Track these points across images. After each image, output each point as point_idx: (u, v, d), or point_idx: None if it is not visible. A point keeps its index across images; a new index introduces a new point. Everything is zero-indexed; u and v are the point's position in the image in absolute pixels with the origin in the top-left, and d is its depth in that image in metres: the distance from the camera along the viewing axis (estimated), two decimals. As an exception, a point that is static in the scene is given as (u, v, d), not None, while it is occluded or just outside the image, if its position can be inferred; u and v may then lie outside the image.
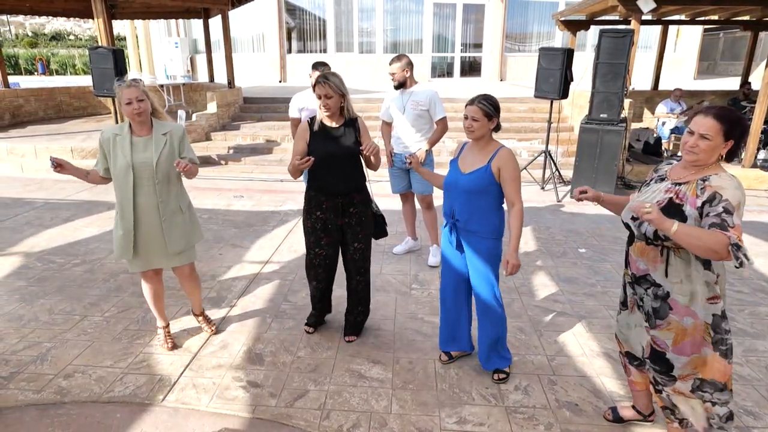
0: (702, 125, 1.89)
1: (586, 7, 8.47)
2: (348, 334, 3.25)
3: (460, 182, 2.64)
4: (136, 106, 2.65)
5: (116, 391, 2.72)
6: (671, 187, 2.00)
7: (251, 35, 15.86)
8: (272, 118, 9.80)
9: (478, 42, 15.90)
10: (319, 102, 2.82)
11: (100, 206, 6.02)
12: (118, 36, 18.36)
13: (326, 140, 2.88)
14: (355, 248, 3.06)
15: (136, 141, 2.75)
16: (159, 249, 2.88)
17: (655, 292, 2.06)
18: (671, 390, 2.12)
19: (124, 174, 2.72)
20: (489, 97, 2.60)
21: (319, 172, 2.90)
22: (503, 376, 2.85)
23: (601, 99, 6.41)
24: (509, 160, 2.58)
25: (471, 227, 2.65)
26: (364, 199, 3.05)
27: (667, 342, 2.07)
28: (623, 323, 2.34)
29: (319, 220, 2.98)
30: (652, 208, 1.79)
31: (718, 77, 18.10)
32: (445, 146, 8.31)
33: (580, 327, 3.43)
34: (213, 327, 3.31)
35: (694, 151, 1.92)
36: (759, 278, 4.22)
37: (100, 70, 6.78)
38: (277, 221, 5.56)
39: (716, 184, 1.88)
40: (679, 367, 2.07)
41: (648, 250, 2.05)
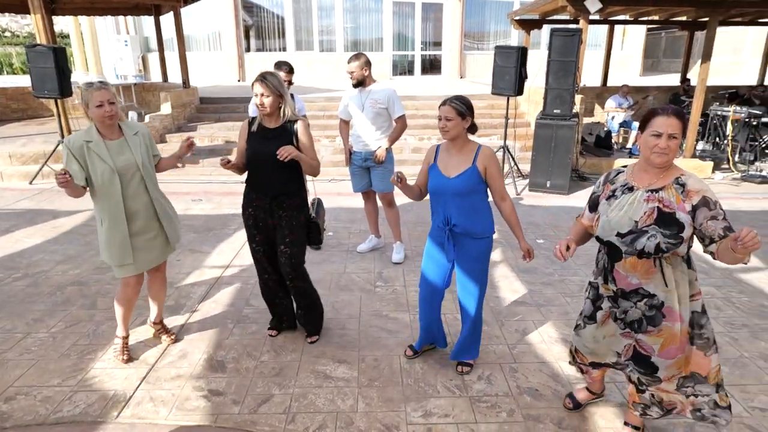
0: (669, 125, 1.89)
1: (538, 6, 8.72)
2: (308, 335, 3.23)
3: (449, 187, 2.61)
4: (108, 109, 2.60)
5: (65, 411, 2.57)
6: (650, 195, 1.96)
7: (207, 33, 15.44)
8: (231, 118, 9.58)
9: (438, 40, 16.09)
10: (259, 100, 2.78)
11: (44, 215, 5.73)
12: (61, 33, 17.49)
13: (260, 141, 2.86)
14: (281, 251, 2.99)
15: (110, 145, 2.69)
16: (153, 246, 2.89)
17: (650, 303, 2.03)
18: (655, 389, 2.16)
19: (109, 180, 2.65)
20: (461, 98, 2.62)
21: (251, 170, 2.95)
22: (468, 368, 2.91)
23: (554, 95, 6.62)
24: (493, 157, 2.64)
25: (469, 230, 2.65)
26: (295, 204, 2.98)
27: (654, 347, 2.08)
28: (588, 338, 2.28)
29: (251, 217, 3.00)
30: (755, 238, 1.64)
31: (661, 74, 19.01)
32: (407, 143, 8.36)
33: (539, 315, 3.53)
34: (172, 336, 3.21)
35: (666, 153, 1.91)
36: (699, 260, 4.43)
37: (40, 70, 6.41)
38: (238, 224, 5.44)
39: (695, 187, 1.92)
40: (664, 368, 2.10)
41: (640, 264, 1.99)
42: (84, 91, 2.60)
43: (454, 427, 2.47)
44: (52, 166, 7.16)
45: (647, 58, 19.60)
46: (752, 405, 2.61)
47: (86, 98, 2.59)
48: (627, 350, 2.17)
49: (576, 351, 2.40)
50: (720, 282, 4.06)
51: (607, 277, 2.12)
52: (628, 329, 2.13)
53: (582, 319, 2.31)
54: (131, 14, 12.19)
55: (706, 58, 7.42)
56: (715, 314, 3.53)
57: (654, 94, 10.91)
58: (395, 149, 4.52)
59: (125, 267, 2.82)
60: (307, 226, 3.07)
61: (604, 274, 2.14)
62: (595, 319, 2.23)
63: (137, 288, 2.96)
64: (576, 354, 2.41)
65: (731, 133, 8.18)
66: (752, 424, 2.48)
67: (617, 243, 2.00)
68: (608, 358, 2.27)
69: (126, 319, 3.00)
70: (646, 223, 1.93)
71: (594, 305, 2.23)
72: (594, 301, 2.23)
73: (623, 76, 14.20)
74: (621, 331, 2.16)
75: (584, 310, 2.30)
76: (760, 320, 3.47)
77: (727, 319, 3.48)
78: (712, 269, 4.30)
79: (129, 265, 2.82)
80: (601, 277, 2.16)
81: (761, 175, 7.51)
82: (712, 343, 2.09)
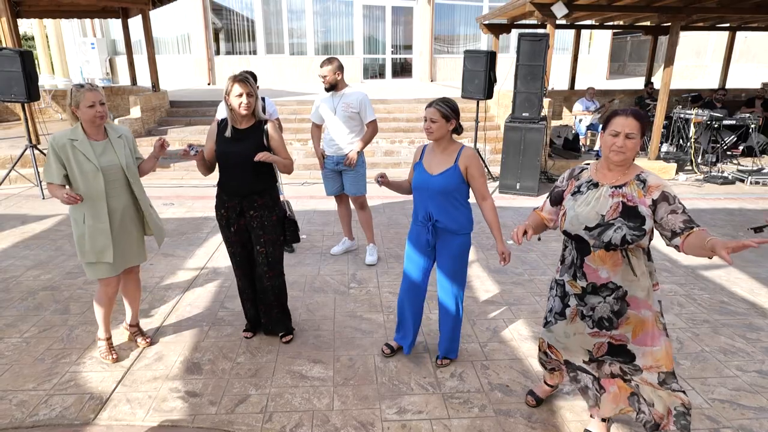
0: (626, 125, 1.99)
1: (506, 11, 8.93)
2: (277, 331, 3.27)
3: (432, 183, 2.71)
4: (99, 109, 2.68)
5: (41, 415, 2.57)
6: (614, 191, 2.06)
7: (176, 36, 15.24)
8: (202, 122, 9.49)
9: (408, 44, 16.25)
10: (239, 101, 2.80)
11: (13, 220, 5.60)
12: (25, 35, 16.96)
13: (230, 142, 2.90)
14: (258, 251, 3.05)
15: (95, 145, 2.75)
16: (132, 246, 2.94)
17: (616, 296, 2.11)
18: (640, 380, 2.20)
19: (93, 179, 2.70)
20: (447, 100, 2.71)
21: (221, 171, 2.97)
22: (447, 362, 3.02)
23: (523, 99, 6.79)
24: (474, 158, 2.72)
25: (449, 226, 2.75)
26: (267, 203, 3.01)
27: (627, 335, 2.15)
28: (560, 333, 2.31)
29: (223, 218, 3.03)
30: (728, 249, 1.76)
31: (627, 77, 19.64)
32: (379, 146, 8.44)
33: (510, 313, 3.65)
34: (148, 339, 3.21)
35: (623, 151, 2.01)
36: (663, 258, 4.67)
37: (6, 74, 6.26)
38: (210, 227, 5.43)
39: (655, 182, 2.03)
40: (641, 356, 2.16)
41: (609, 256, 2.07)
42: (75, 92, 2.66)
43: (427, 423, 2.55)
44: (19, 171, 6.98)
45: (613, 61, 20.24)
46: (712, 397, 2.75)
47: (77, 98, 2.65)
48: (599, 348, 2.22)
49: (549, 347, 2.44)
50: (683, 280, 4.26)
51: (576, 273, 2.18)
52: (596, 328, 2.18)
53: (552, 315, 2.35)
54: (98, 17, 11.96)
55: (668, 62, 7.72)
56: (677, 311, 3.71)
57: (620, 98, 11.28)
58: (367, 152, 4.59)
59: (102, 267, 2.83)
60: (282, 224, 3.12)
61: (573, 270, 2.19)
62: (564, 315, 2.28)
63: (117, 288, 2.99)
64: (549, 350, 2.45)
65: (694, 135, 8.50)
66: (712, 415, 2.61)
67: (585, 236, 2.08)
68: (580, 357, 2.31)
69: (107, 319, 3.02)
70: (612, 217, 2.03)
71: (563, 302, 2.28)
72: (562, 297, 2.28)
73: (590, 80, 14.63)
74: (590, 330, 2.20)
75: (553, 307, 2.34)
76: (720, 316, 3.65)
77: (689, 316, 3.65)
78: (675, 267, 4.50)
79: (107, 264, 2.83)
80: (569, 274, 2.21)
81: (723, 176, 7.83)
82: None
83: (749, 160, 8.77)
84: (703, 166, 8.56)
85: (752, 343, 3.28)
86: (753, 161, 8.57)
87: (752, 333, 3.41)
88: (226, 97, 2.85)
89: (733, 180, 7.83)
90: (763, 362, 3.07)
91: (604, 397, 2.32)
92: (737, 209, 6.43)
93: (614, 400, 2.32)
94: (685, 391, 2.17)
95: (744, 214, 6.24)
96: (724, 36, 12.66)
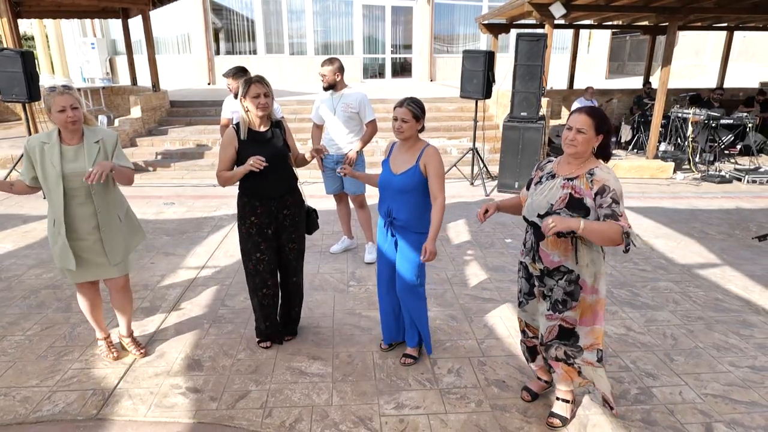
0: (577, 121, 2.18)
1: (505, 11, 8.97)
2: (287, 333, 3.30)
3: (393, 182, 2.77)
4: (71, 114, 2.55)
5: (44, 410, 2.61)
6: (566, 183, 2.23)
7: (176, 36, 15.28)
8: (202, 121, 9.54)
9: (408, 43, 16.29)
10: (255, 102, 2.79)
11: (14, 219, 5.64)
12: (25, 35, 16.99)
13: (257, 145, 2.87)
14: (290, 248, 3.11)
15: (66, 150, 2.63)
16: (95, 259, 2.78)
17: (569, 279, 2.28)
18: (581, 361, 2.39)
19: (54, 184, 2.61)
20: (416, 100, 2.76)
21: (252, 177, 2.83)
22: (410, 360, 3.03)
23: (521, 98, 6.83)
24: (434, 156, 2.75)
25: (407, 224, 2.80)
26: (297, 200, 3.10)
27: (576, 318, 2.34)
28: (533, 309, 2.51)
29: (254, 225, 2.97)
30: (553, 222, 2.02)
31: (626, 77, 19.68)
32: (378, 146, 8.49)
33: (507, 311, 3.69)
34: (142, 350, 3.09)
35: (573, 144, 2.19)
36: (659, 257, 4.71)
37: (8, 74, 6.30)
38: (211, 227, 5.48)
39: (601, 176, 2.17)
40: (583, 336, 2.36)
41: (560, 242, 2.26)
42: (46, 95, 2.56)
43: (425, 418, 2.59)
44: (20, 171, 7.01)
45: (612, 61, 20.27)
46: (705, 392, 2.79)
47: (48, 102, 2.55)
48: (550, 332, 2.38)
49: (527, 326, 2.59)
50: (678, 277, 4.30)
51: (534, 256, 2.36)
52: (551, 311, 2.35)
53: (522, 296, 2.54)
54: (98, 17, 12.00)
55: (666, 62, 7.75)
56: (672, 308, 3.75)
57: (618, 97, 11.32)
58: (366, 152, 4.63)
59: (69, 273, 2.78)
60: (307, 217, 3.21)
61: (532, 254, 2.38)
62: (533, 294, 2.47)
63: (91, 293, 2.92)
64: (527, 329, 2.60)
65: (692, 134, 8.54)
66: (705, 409, 2.66)
67: (538, 223, 2.25)
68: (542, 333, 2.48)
69: (97, 320, 3.01)
70: (559, 207, 2.20)
71: (528, 282, 2.47)
72: (527, 279, 2.47)
73: (589, 79, 14.65)
74: (546, 311, 2.37)
75: (522, 288, 2.52)
76: (714, 313, 3.69)
77: (683, 313, 3.69)
78: (671, 265, 4.55)
79: (70, 271, 2.76)
80: (529, 257, 2.40)
81: (720, 175, 7.87)
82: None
83: (746, 159, 8.81)
84: (701, 165, 8.59)
85: (745, 340, 3.33)
86: (750, 160, 8.61)
87: (746, 330, 3.46)
88: (242, 100, 2.83)
89: (731, 179, 7.87)
90: (756, 358, 3.12)
91: (555, 376, 2.55)
92: (734, 208, 6.47)
93: (565, 379, 2.48)
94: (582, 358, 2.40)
95: (740, 212, 6.28)
96: (722, 35, 12.70)
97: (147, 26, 9.58)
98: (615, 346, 3.24)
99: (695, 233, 5.42)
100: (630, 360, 3.08)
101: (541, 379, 2.75)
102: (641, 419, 2.57)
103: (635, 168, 8.04)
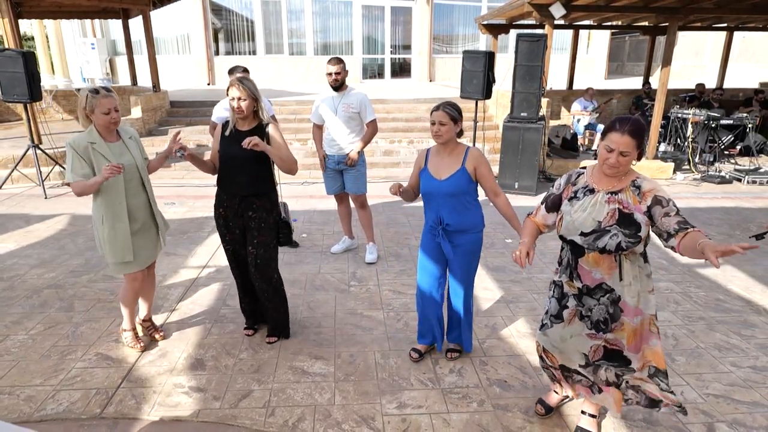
0: (621, 143, 2.00)
1: (505, 12, 8.98)
2: (267, 335, 3.29)
3: (441, 188, 2.74)
4: (115, 116, 2.77)
5: (48, 410, 2.62)
6: (611, 197, 2.08)
7: (175, 36, 15.29)
8: (202, 122, 9.53)
9: (407, 44, 16.30)
10: (233, 104, 2.87)
11: (16, 219, 5.64)
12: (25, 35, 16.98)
13: (232, 143, 2.94)
14: (249, 251, 3.06)
15: (112, 146, 2.85)
16: (152, 242, 3.05)
17: (611, 298, 2.14)
18: (631, 377, 2.23)
19: (114, 179, 2.78)
20: (453, 104, 2.77)
21: (222, 172, 3.03)
22: (457, 354, 3.09)
23: (521, 99, 6.85)
24: (481, 157, 2.78)
25: (461, 227, 2.79)
26: (265, 205, 3.03)
27: (623, 342, 2.18)
28: (555, 337, 2.32)
29: (221, 217, 3.09)
30: (721, 249, 1.72)
31: (625, 77, 19.69)
32: (378, 146, 8.50)
33: (508, 311, 3.70)
34: (161, 333, 3.29)
35: (616, 167, 2.05)
36: (660, 257, 4.72)
37: (9, 75, 6.32)
38: (212, 227, 5.47)
39: (649, 187, 2.06)
40: (636, 360, 2.21)
41: (602, 259, 2.10)
42: (91, 98, 2.72)
43: (427, 417, 2.60)
44: (21, 171, 7.03)
45: (612, 61, 20.29)
46: (707, 392, 2.80)
47: (92, 104, 2.71)
48: (596, 351, 2.23)
49: (545, 351, 2.43)
50: (679, 278, 4.31)
51: (572, 273, 2.20)
52: (593, 330, 2.20)
53: (548, 318, 2.35)
54: (99, 18, 12.00)
55: (666, 62, 7.76)
56: (674, 308, 3.76)
57: (617, 98, 11.34)
58: (367, 152, 4.65)
59: (127, 264, 2.94)
60: (277, 228, 3.13)
61: (569, 271, 2.22)
62: (562, 318, 2.28)
63: (143, 282, 3.10)
64: (545, 354, 2.44)
65: (691, 135, 8.55)
66: (706, 409, 2.66)
67: (579, 242, 2.11)
68: (575, 361, 2.31)
69: (132, 313, 3.14)
70: (609, 223, 2.05)
71: (560, 304, 2.28)
72: (559, 299, 2.28)
73: (589, 80, 14.69)
74: (587, 331, 2.22)
75: (550, 309, 2.34)
76: (715, 313, 3.70)
77: (685, 313, 3.70)
78: (672, 265, 4.56)
79: (130, 262, 2.93)
80: (566, 275, 2.24)
81: (720, 176, 7.87)
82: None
83: (746, 160, 8.83)
84: (701, 165, 8.60)
85: (747, 340, 3.34)
86: (750, 161, 8.63)
87: (747, 330, 3.47)
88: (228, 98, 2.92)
89: (731, 179, 7.88)
90: (757, 358, 3.13)
91: (599, 396, 2.35)
92: (734, 208, 6.48)
93: (610, 406, 2.34)
94: (674, 392, 2.22)
95: (740, 213, 6.29)
96: (722, 36, 12.72)
97: (147, 26, 9.59)
98: (616, 345, 3.25)
99: (695, 233, 5.42)
100: (631, 359, 3.09)
101: (558, 393, 2.61)
102: (643, 419, 2.58)
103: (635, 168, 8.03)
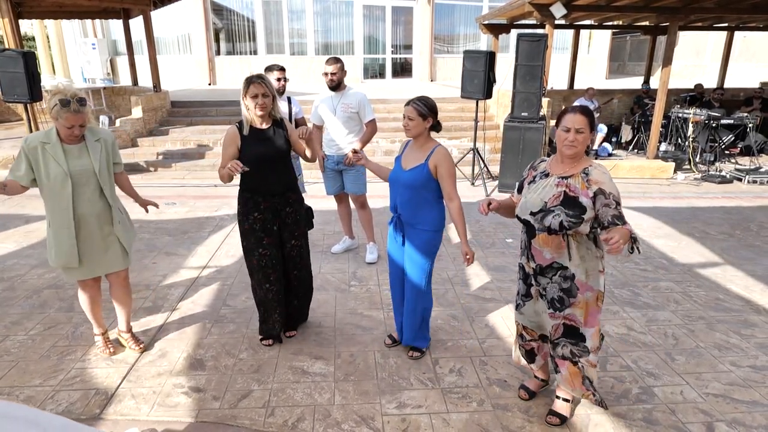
0: (576, 121, 2.19)
1: (506, 11, 8.98)
2: (288, 329, 3.32)
3: (402, 178, 2.83)
4: (78, 131, 2.62)
5: (48, 410, 2.62)
6: (560, 181, 2.26)
7: (176, 36, 15.30)
8: (203, 122, 9.55)
9: (408, 43, 16.29)
10: (254, 101, 2.84)
11: (16, 220, 5.65)
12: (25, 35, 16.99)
13: (258, 142, 2.93)
14: (292, 245, 3.14)
15: (69, 148, 2.67)
16: (101, 255, 2.85)
17: (563, 275, 2.30)
18: (586, 362, 2.39)
19: (61, 183, 2.64)
20: (424, 98, 2.79)
21: (253, 174, 2.88)
22: (417, 354, 3.09)
23: (522, 99, 6.84)
24: (444, 158, 2.77)
25: (413, 220, 2.85)
26: (299, 197, 3.16)
27: (580, 318, 2.34)
28: (531, 312, 2.51)
29: (257, 221, 3.00)
30: (620, 238, 1.92)
31: (626, 77, 19.66)
32: (379, 146, 8.49)
33: (508, 311, 3.70)
34: (141, 345, 3.13)
35: (574, 145, 2.20)
36: (660, 257, 4.72)
37: (10, 75, 6.33)
38: (212, 227, 5.48)
39: (596, 178, 2.20)
40: (590, 337, 2.36)
41: (551, 239, 2.27)
42: (59, 109, 2.52)
43: (427, 417, 2.60)
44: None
45: (613, 61, 20.27)
46: (706, 391, 2.80)
47: (57, 114, 2.54)
48: (556, 329, 2.39)
49: (524, 329, 2.59)
50: (679, 277, 4.30)
51: (527, 254, 2.40)
52: (551, 309, 2.36)
53: (520, 298, 2.55)
54: (99, 18, 12.00)
55: (667, 62, 7.76)
56: (674, 308, 3.76)
57: (618, 97, 11.32)
58: (367, 152, 4.64)
59: (73, 270, 2.81)
60: (306, 215, 3.26)
61: (526, 252, 2.41)
62: (530, 295, 2.48)
63: (94, 290, 2.98)
64: (525, 331, 2.59)
65: (692, 134, 8.54)
66: (706, 409, 2.66)
67: (531, 220, 2.30)
68: (548, 332, 2.48)
69: (96, 316, 3.05)
70: (553, 204, 2.23)
71: (525, 283, 2.48)
72: (524, 279, 2.48)
73: (590, 79, 14.67)
74: (547, 310, 2.39)
75: (520, 290, 2.54)
76: (715, 313, 3.70)
77: (684, 312, 3.69)
78: (672, 265, 4.55)
79: (74, 269, 2.79)
80: (525, 256, 2.42)
81: (720, 175, 7.87)
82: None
83: (747, 159, 8.80)
84: (701, 165, 8.59)
85: (746, 339, 3.33)
86: (751, 160, 8.61)
87: (747, 329, 3.46)
88: (243, 98, 2.89)
89: (731, 179, 7.88)
90: (757, 358, 3.12)
91: (559, 377, 2.50)
92: (734, 208, 6.48)
93: (569, 382, 2.46)
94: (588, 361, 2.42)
95: (741, 212, 6.28)
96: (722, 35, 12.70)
97: (148, 26, 9.59)
98: (616, 345, 3.25)
99: (696, 233, 5.43)
100: (631, 360, 3.09)
101: (538, 377, 2.76)
102: (642, 418, 2.58)
103: (636, 168, 8.05)
